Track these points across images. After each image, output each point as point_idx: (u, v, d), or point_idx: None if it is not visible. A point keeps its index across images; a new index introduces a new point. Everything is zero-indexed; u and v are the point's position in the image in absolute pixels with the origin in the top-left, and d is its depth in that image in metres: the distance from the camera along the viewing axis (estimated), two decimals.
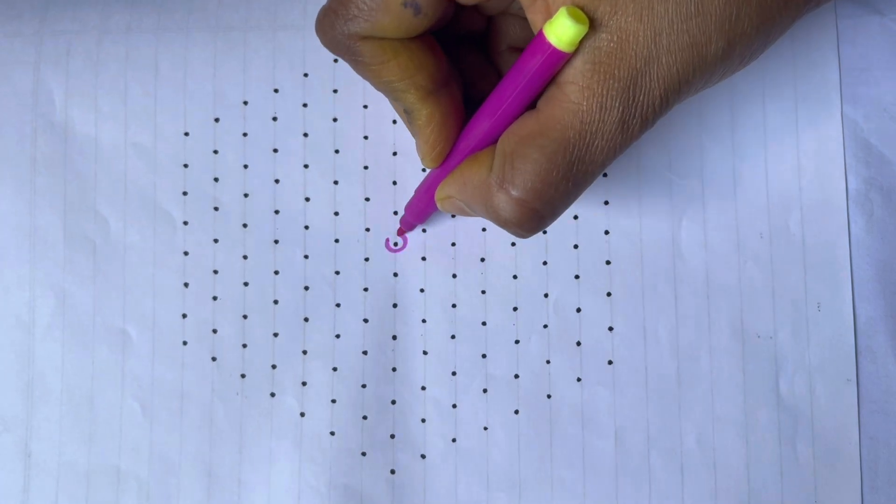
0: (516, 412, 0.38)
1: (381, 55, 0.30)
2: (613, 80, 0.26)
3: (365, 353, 0.38)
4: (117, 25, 0.39)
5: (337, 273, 0.39)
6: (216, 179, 0.39)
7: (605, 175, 0.38)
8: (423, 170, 0.39)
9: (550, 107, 0.28)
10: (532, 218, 0.29)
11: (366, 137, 0.39)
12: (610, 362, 0.38)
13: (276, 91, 0.39)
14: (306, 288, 0.39)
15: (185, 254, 0.39)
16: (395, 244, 0.39)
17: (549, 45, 0.26)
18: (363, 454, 0.38)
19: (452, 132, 0.32)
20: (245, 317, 0.39)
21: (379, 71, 0.31)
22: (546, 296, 0.38)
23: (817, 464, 0.37)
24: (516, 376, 0.38)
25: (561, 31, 0.26)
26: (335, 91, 0.39)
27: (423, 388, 0.38)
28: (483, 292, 0.38)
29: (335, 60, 0.39)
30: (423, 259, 0.39)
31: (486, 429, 0.38)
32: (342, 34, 0.30)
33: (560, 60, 0.26)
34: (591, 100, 0.27)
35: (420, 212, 0.37)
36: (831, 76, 0.38)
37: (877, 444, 0.37)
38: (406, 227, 0.38)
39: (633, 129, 0.28)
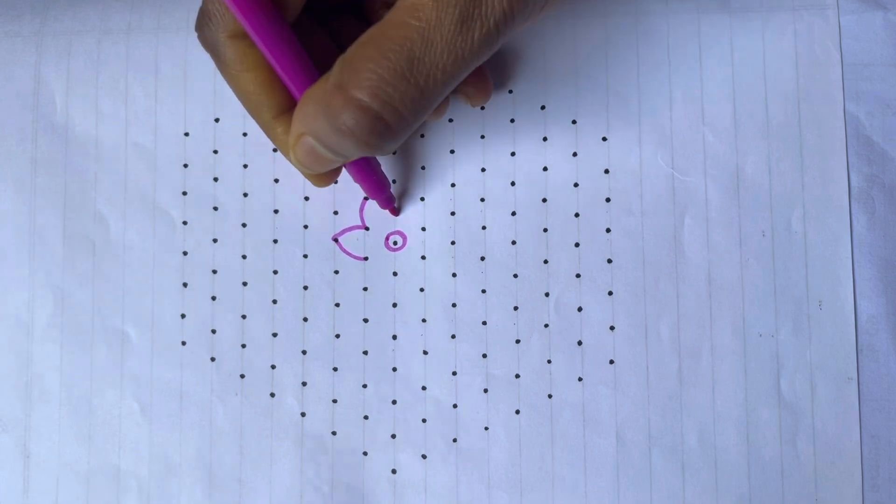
0: (517, 412, 0.38)
1: (243, 62, 0.31)
2: None
3: (365, 352, 0.38)
4: (118, 26, 0.39)
5: (336, 272, 0.39)
6: (216, 179, 0.39)
7: (606, 172, 0.38)
8: (422, 168, 0.39)
9: (391, 13, 0.28)
10: (373, 121, 0.28)
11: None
12: (611, 361, 0.38)
13: None
14: (305, 287, 0.39)
15: (185, 254, 0.39)
16: (395, 243, 0.39)
17: None
18: (364, 454, 0.38)
19: None
20: (244, 317, 0.39)
21: (238, 78, 0.31)
22: (547, 295, 0.38)
23: (818, 462, 0.37)
24: (517, 376, 0.38)
25: None
26: None
27: (424, 388, 0.38)
28: (483, 291, 0.38)
29: None
30: (423, 258, 0.38)
31: (486, 429, 0.38)
32: (210, 31, 0.31)
33: None
34: None
35: (370, 186, 0.36)
36: (834, 72, 0.38)
37: (878, 442, 0.37)
38: (385, 204, 0.38)
39: (474, 34, 0.27)
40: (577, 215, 0.38)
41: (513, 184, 0.38)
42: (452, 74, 0.28)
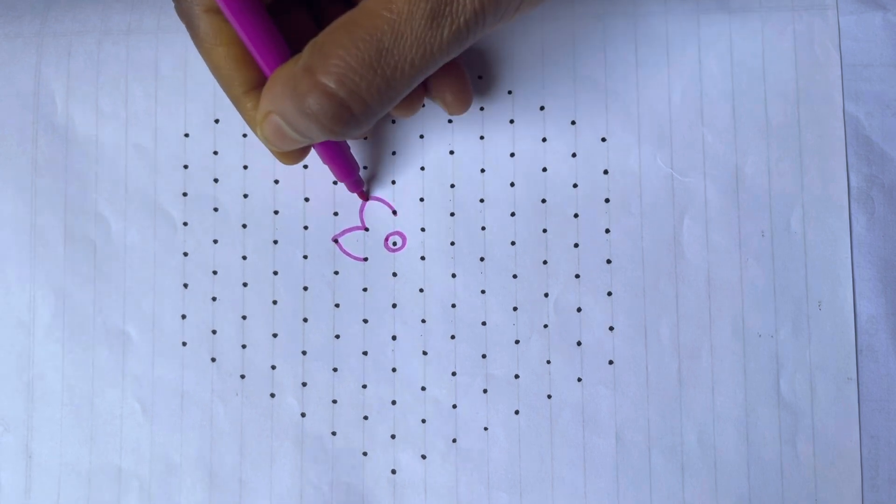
0: (517, 412, 0.38)
1: (217, 36, 0.31)
2: None
3: (365, 353, 0.38)
4: (118, 26, 0.39)
5: (336, 273, 0.39)
6: (216, 180, 0.39)
7: (605, 173, 0.38)
8: (422, 168, 0.39)
9: (365, 1, 0.28)
10: (338, 107, 0.28)
11: (365, 138, 0.39)
12: (611, 362, 0.38)
13: None
14: (305, 288, 0.39)
15: (185, 254, 0.39)
16: (395, 244, 0.39)
17: None
18: (364, 454, 0.38)
19: None
20: (244, 317, 0.39)
21: (210, 52, 0.32)
22: (546, 295, 0.38)
23: (818, 462, 0.37)
24: (516, 376, 0.38)
25: None
26: None
27: (424, 389, 0.38)
28: (483, 292, 0.38)
29: None
30: (423, 259, 0.38)
31: (486, 429, 0.38)
32: (186, 3, 0.31)
33: None
34: None
35: (338, 168, 0.36)
36: (833, 73, 0.38)
37: (877, 442, 0.37)
38: (353, 187, 0.38)
39: (444, 31, 0.28)
40: (576, 216, 0.38)
41: (512, 184, 0.38)
42: (420, 68, 0.28)
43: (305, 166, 0.39)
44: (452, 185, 0.38)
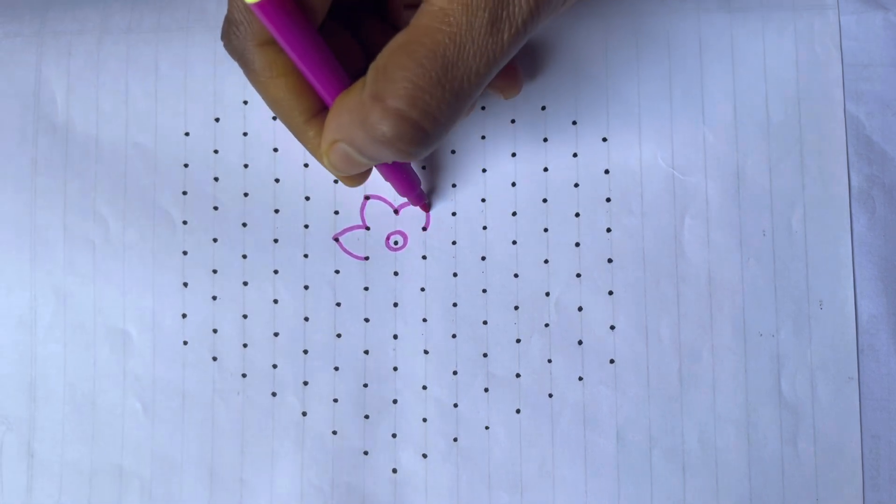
0: (518, 411, 0.38)
1: (272, 68, 0.31)
2: None
3: (366, 352, 0.38)
4: (118, 26, 0.39)
5: (337, 272, 0.39)
6: (216, 179, 0.39)
7: (606, 172, 0.38)
8: (423, 167, 0.39)
9: (419, 18, 0.28)
10: (412, 129, 0.28)
11: None
12: (611, 361, 0.38)
13: None
14: (306, 287, 0.39)
15: (185, 253, 0.39)
16: (396, 243, 0.39)
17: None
18: (365, 453, 0.38)
19: None
20: (245, 316, 0.39)
21: (267, 85, 0.31)
22: (547, 294, 0.38)
23: (819, 462, 0.37)
24: (517, 375, 0.38)
25: None
26: None
27: (425, 388, 0.38)
28: (484, 291, 0.38)
29: None
30: (424, 258, 0.38)
31: (487, 428, 0.38)
32: (237, 39, 0.30)
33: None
34: (457, 3, 0.27)
35: (401, 185, 0.36)
36: (834, 72, 0.38)
37: (878, 442, 0.37)
38: (417, 201, 0.38)
39: (504, 35, 0.27)
40: (577, 215, 0.38)
41: (513, 184, 0.38)
42: (485, 76, 0.28)
43: (306, 165, 0.39)
44: (454, 185, 0.38)
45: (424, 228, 0.38)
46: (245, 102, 0.39)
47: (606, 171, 0.38)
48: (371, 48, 0.34)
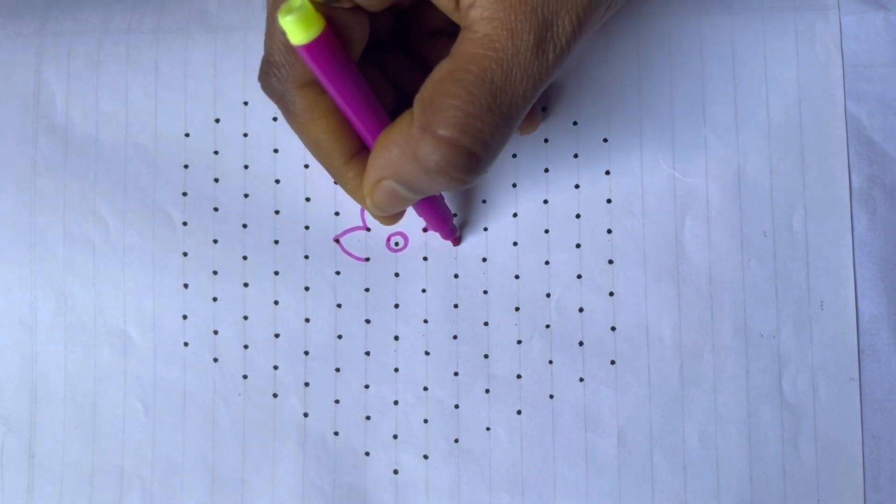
0: (519, 412, 0.38)
1: (313, 110, 0.31)
2: (520, 4, 0.26)
3: (367, 353, 0.38)
4: (118, 26, 0.39)
5: (338, 273, 0.39)
6: (216, 180, 0.39)
7: (607, 173, 0.38)
8: None
9: (463, 46, 0.27)
10: (465, 157, 0.28)
11: None
12: (612, 362, 0.38)
13: None
14: (307, 288, 0.39)
15: (185, 254, 0.39)
16: (396, 244, 0.39)
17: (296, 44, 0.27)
18: (366, 454, 0.38)
19: None
20: (246, 318, 0.39)
21: (308, 127, 0.31)
22: (548, 295, 0.38)
23: (820, 462, 0.37)
24: (518, 376, 0.38)
25: (291, 27, 0.26)
26: None
27: (426, 389, 0.38)
28: (485, 292, 0.38)
29: None
30: (425, 259, 0.38)
31: (488, 429, 0.38)
32: (278, 82, 0.30)
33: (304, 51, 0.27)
34: (501, 29, 0.27)
35: (435, 219, 0.36)
36: (835, 73, 0.38)
37: (879, 442, 0.37)
38: (448, 235, 0.38)
39: (549, 56, 0.27)
40: (578, 216, 0.38)
41: (514, 185, 0.38)
42: (531, 98, 0.28)
43: (307, 165, 0.39)
44: None
45: (425, 230, 0.38)
46: (245, 103, 0.39)
47: (607, 172, 0.38)
48: (398, 84, 0.34)
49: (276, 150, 0.39)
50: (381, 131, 0.30)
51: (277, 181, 0.39)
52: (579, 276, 0.38)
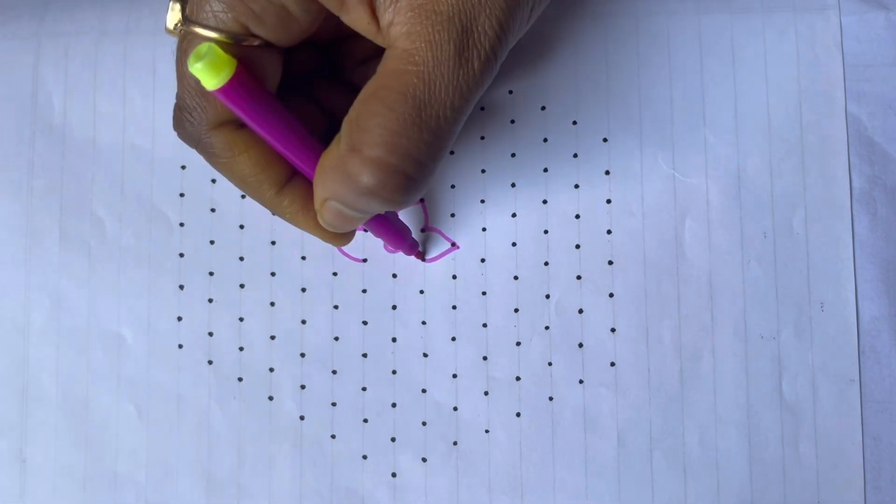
0: (518, 414, 0.38)
1: (232, 148, 0.30)
2: (436, 15, 0.26)
3: (364, 355, 0.38)
4: (116, 27, 0.39)
5: (335, 274, 0.38)
6: (213, 181, 0.39)
7: (607, 173, 0.38)
8: None
9: (385, 63, 0.27)
10: (394, 176, 0.27)
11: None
12: (612, 364, 0.37)
13: None
14: (304, 290, 0.38)
15: (181, 255, 0.39)
16: None
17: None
18: (364, 457, 0.38)
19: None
20: (241, 319, 0.38)
21: (230, 165, 0.31)
22: (547, 297, 0.38)
23: (820, 464, 0.37)
24: (518, 378, 0.38)
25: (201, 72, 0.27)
26: None
27: (424, 391, 0.38)
28: (483, 294, 0.38)
29: None
30: (423, 260, 0.38)
31: (487, 431, 0.38)
32: (191, 126, 0.30)
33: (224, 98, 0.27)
34: (420, 42, 0.26)
35: (391, 238, 0.36)
36: (835, 73, 0.38)
37: (880, 444, 0.37)
38: (410, 251, 0.38)
39: (474, 64, 0.27)
40: (577, 217, 0.38)
41: (513, 185, 0.38)
42: (461, 108, 0.28)
43: None
44: (453, 186, 0.38)
45: (423, 230, 0.38)
46: None
47: (607, 172, 0.38)
48: (330, 110, 0.33)
49: None
50: (315, 157, 0.29)
51: None
52: (579, 277, 0.38)
